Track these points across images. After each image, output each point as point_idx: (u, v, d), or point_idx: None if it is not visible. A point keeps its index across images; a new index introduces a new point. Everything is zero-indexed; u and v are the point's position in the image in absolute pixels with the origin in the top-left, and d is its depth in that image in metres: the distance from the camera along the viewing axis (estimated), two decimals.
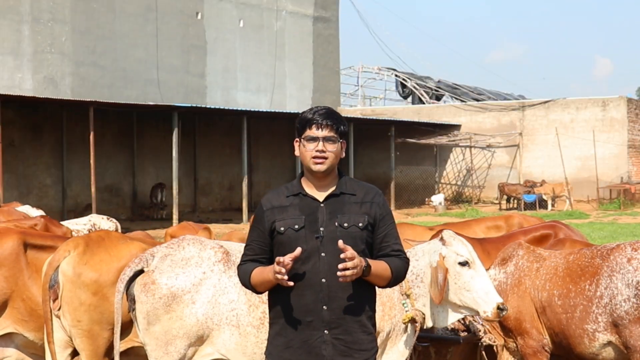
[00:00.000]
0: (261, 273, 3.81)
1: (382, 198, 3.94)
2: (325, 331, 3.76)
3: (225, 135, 31.18)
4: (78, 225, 10.15)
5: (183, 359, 4.91)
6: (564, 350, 5.79)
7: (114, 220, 10.75)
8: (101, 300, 5.51)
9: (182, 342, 4.89)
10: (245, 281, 3.89)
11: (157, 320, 4.89)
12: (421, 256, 5.05)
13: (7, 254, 5.95)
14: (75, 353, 5.65)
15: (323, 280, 3.76)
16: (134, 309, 4.97)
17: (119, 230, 10.52)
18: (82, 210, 24.12)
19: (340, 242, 3.65)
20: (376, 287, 3.93)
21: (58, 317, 5.53)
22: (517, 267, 6.00)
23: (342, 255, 3.64)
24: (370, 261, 3.77)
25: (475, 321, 5.85)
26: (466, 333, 5.88)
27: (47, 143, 25.83)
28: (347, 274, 3.64)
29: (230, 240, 6.31)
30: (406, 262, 3.93)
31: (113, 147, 27.76)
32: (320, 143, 3.82)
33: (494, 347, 6.05)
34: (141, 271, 5.04)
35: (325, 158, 3.82)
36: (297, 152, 3.94)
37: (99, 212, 19.49)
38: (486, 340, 5.89)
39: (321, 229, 3.78)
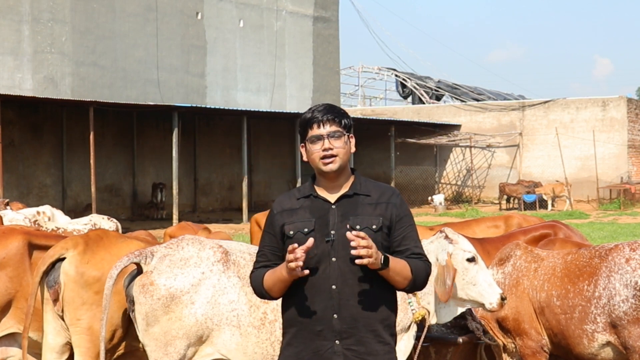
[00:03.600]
0: (273, 273, 3.56)
1: (400, 199, 3.65)
2: (337, 341, 3.50)
3: (225, 135, 31.18)
4: (79, 225, 10.16)
5: (183, 359, 4.91)
6: (563, 350, 5.79)
7: (114, 220, 10.75)
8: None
9: (182, 342, 4.88)
10: (259, 287, 3.64)
11: (156, 321, 4.88)
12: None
13: (12, 254, 5.93)
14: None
15: (333, 286, 3.50)
16: (133, 310, 4.97)
17: (120, 230, 10.53)
18: (82, 210, 24.09)
19: (349, 234, 3.39)
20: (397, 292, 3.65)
21: (61, 317, 5.52)
22: (515, 268, 6.00)
23: (353, 233, 3.37)
24: (389, 256, 3.50)
25: (475, 321, 5.86)
26: (465, 333, 5.89)
27: (47, 143, 25.82)
28: (362, 252, 3.35)
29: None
30: (428, 265, 3.63)
31: (113, 147, 27.76)
32: (326, 141, 3.56)
33: (494, 347, 6.05)
34: (139, 267, 5.04)
35: (335, 155, 3.56)
36: (304, 157, 3.66)
37: (99, 212, 19.51)
38: (486, 340, 5.90)
39: (332, 232, 3.53)
